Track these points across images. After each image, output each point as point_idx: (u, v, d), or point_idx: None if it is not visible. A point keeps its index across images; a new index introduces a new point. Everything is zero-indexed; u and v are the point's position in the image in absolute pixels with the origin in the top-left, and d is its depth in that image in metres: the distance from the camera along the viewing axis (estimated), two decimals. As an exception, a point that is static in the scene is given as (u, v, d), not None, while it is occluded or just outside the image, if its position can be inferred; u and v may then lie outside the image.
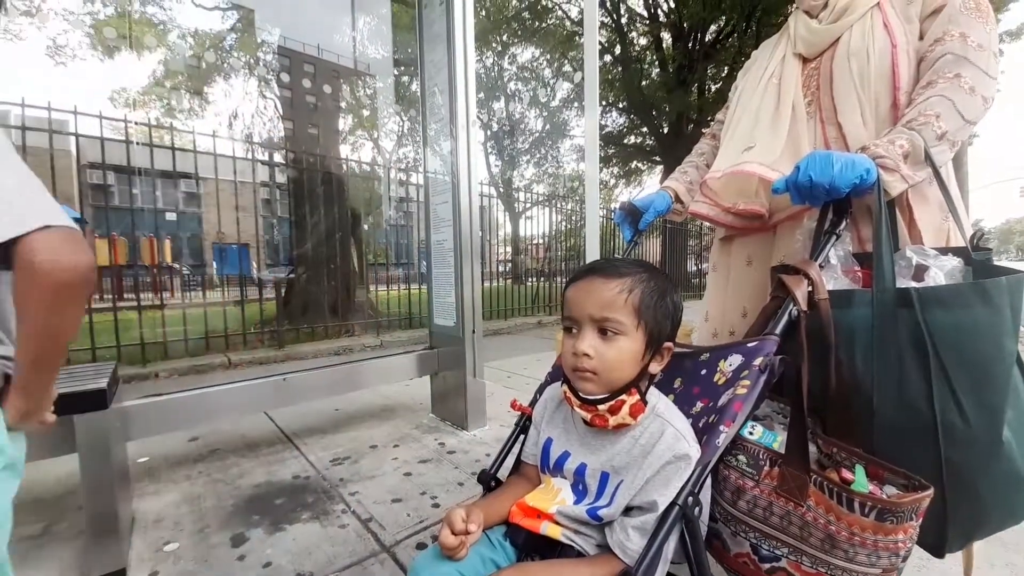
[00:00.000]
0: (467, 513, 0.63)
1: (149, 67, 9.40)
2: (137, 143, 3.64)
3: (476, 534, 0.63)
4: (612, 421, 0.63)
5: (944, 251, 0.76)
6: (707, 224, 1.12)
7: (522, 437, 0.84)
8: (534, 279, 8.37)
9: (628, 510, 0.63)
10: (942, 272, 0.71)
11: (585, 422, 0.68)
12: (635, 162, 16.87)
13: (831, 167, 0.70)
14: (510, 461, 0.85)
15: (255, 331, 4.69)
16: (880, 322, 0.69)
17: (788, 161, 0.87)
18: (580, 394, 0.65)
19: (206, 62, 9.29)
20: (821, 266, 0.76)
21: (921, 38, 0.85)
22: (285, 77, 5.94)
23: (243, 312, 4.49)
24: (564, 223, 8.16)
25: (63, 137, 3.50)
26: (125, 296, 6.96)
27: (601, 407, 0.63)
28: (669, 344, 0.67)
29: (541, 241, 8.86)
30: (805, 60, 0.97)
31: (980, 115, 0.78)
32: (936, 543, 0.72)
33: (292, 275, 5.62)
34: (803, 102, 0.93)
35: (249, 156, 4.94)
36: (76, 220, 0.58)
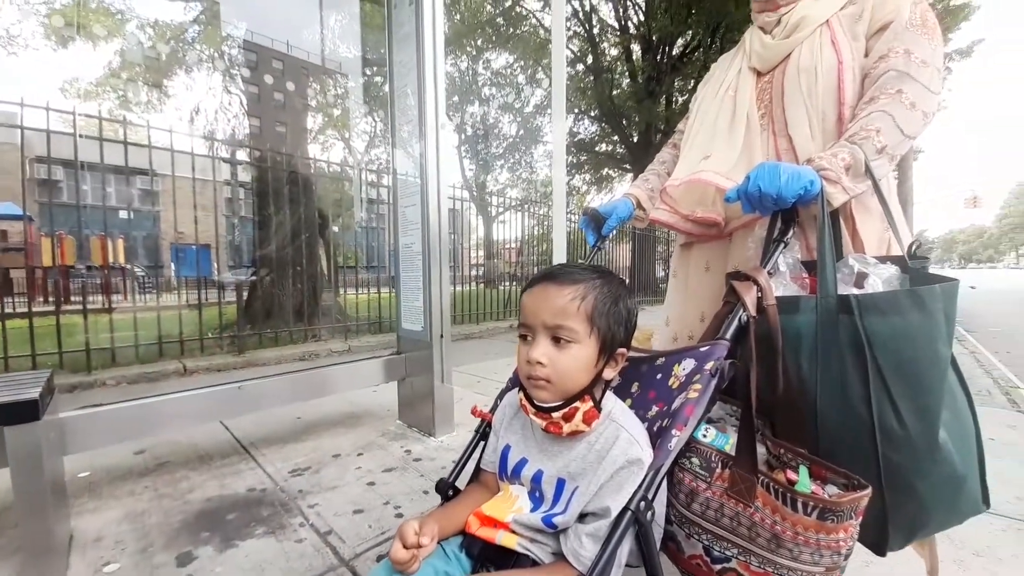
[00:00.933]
0: (420, 526, 0.61)
1: (105, 57, 8.93)
2: (82, 136, 3.43)
3: (429, 547, 0.61)
4: (566, 428, 0.63)
5: (884, 259, 0.80)
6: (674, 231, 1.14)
7: (482, 444, 0.83)
8: (507, 283, 8.38)
9: (582, 516, 0.62)
10: (880, 280, 0.75)
11: (543, 428, 0.67)
12: (606, 169, 17.19)
13: (778, 178, 0.73)
14: (472, 467, 0.84)
15: (213, 336, 4.49)
16: (823, 327, 0.72)
17: (743, 171, 0.90)
18: (535, 402, 0.64)
19: (165, 54, 8.90)
20: (770, 273, 0.79)
21: (867, 55, 0.89)
22: (247, 72, 5.74)
23: (200, 316, 4.29)
24: (537, 227, 8.22)
25: (10, 130, 3.28)
26: (72, 299, 6.52)
27: (555, 415, 0.63)
28: (623, 350, 0.67)
29: (514, 245, 8.88)
30: (759, 74, 1.00)
31: (920, 129, 0.83)
32: (877, 541, 0.75)
33: (255, 277, 5.41)
34: (757, 114, 0.96)
35: (210, 153, 4.74)
36: (19, 217, 0.53)
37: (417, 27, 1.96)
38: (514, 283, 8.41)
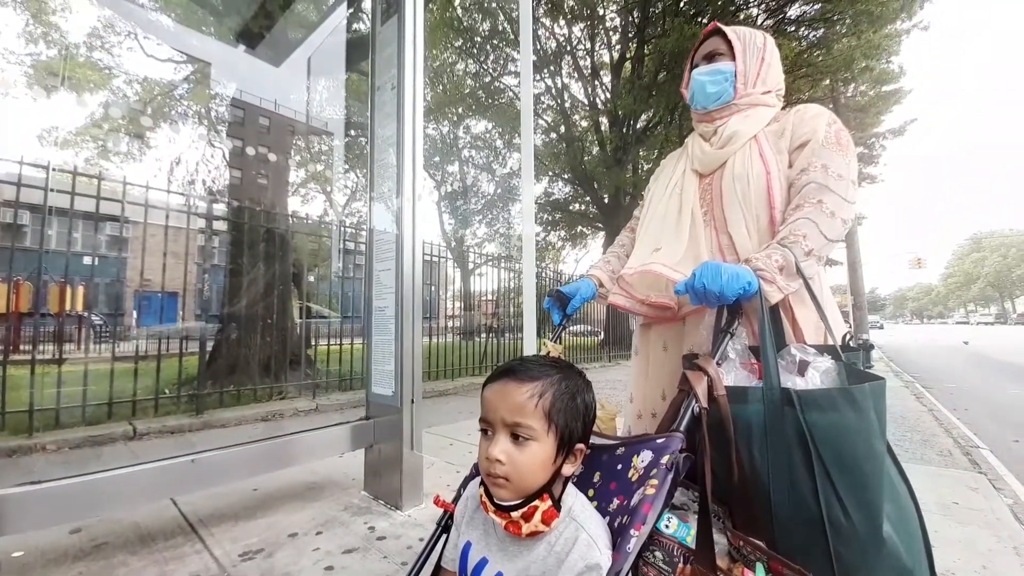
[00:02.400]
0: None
1: (87, 109, 9.02)
2: (54, 190, 3.41)
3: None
4: (525, 529, 0.63)
5: (821, 350, 0.87)
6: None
7: (444, 537, 0.81)
8: (484, 335, 8.31)
9: (541, 627, 0.61)
10: (818, 372, 0.81)
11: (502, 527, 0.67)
12: (580, 227, 17.94)
13: (720, 277, 0.80)
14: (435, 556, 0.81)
15: (170, 394, 4.23)
16: (771, 419, 0.76)
17: (690, 262, 0.98)
18: (495, 500, 0.65)
19: (151, 108, 9.08)
20: (719, 363, 0.84)
21: (791, 166, 1.01)
22: (232, 127, 5.90)
23: (158, 370, 4.06)
24: (513, 281, 8.34)
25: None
26: (22, 348, 6.10)
27: (514, 514, 0.63)
28: (581, 446, 0.69)
29: (490, 297, 8.91)
30: (701, 176, 1.12)
31: (840, 234, 0.93)
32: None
33: (221, 332, 5.23)
34: (700, 211, 1.06)
35: (186, 204, 4.72)
36: None
37: (398, 109, 2.10)
38: (491, 335, 8.32)
